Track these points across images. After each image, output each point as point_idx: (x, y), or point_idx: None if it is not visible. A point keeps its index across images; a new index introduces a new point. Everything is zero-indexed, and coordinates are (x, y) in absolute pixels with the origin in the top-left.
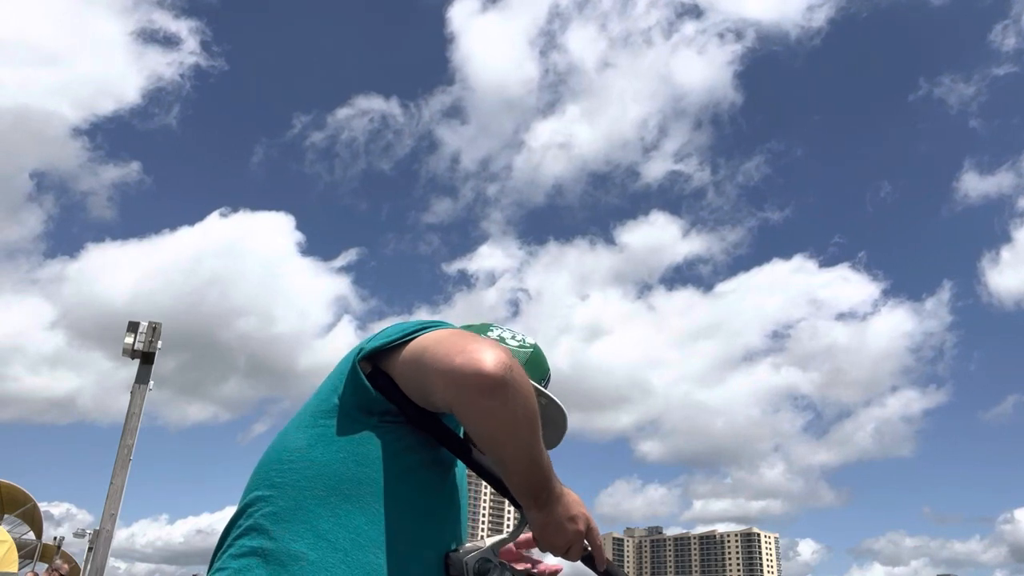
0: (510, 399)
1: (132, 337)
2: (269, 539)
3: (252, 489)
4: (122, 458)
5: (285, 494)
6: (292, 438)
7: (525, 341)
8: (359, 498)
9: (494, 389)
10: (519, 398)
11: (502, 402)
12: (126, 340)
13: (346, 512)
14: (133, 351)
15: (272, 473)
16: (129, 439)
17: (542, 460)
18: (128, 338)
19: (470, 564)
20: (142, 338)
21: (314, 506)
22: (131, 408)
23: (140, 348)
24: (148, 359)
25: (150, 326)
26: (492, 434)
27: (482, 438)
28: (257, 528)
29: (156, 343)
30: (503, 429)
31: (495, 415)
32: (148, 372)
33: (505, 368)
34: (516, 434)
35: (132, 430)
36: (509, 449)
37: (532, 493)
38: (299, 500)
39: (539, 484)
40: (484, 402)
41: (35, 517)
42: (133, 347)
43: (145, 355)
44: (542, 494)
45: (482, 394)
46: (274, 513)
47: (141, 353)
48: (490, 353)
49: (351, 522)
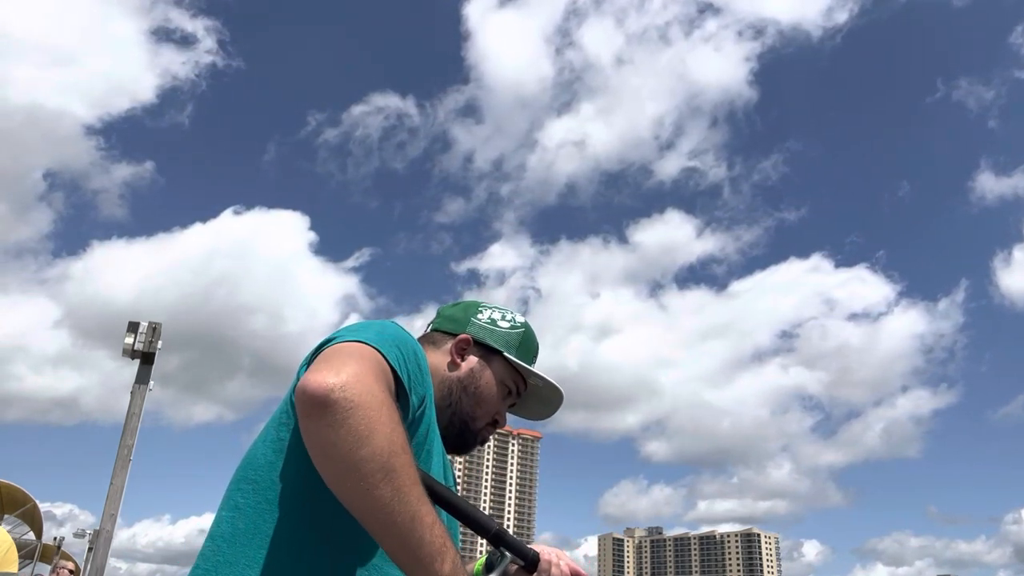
0: (339, 421)
1: (132, 337)
2: (227, 564)
3: (220, 509)
4: (122, 458)
5: (246, 517)
6: (256, 454)
7: (516, 321)
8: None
9: (315, 408)
10: (353, 422)
11: (327, 424)
12: (126, 340)
13: (302, 538)
14: (133, 351)
15: (236, 494)
16: (129, 439)
17: (407, 530)
18: (128, 338)
19: None
20: (142, 338)
21: (271, 530)
22: (131, 408)
23: (140, 348)
24: (148, 359)
25: (150, 326)
26: (321, 469)
27: (320, 472)
28: (217, 553)
29: (156, 343)
30: (330, 460)
31: (317, 439)
32: (148, 372)
33: (331, 388)
34: (353, 474)
35: (132, 430)
36: (347, 494)
37: (401, 565)
38: (257, 524)
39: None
40: (307, 424)
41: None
42: (133, 347)
43: (145, 355)
44: (416, 571)
45: (305, 415)
46: (234, 537)
47: (141, 353)
48: (331, 368)
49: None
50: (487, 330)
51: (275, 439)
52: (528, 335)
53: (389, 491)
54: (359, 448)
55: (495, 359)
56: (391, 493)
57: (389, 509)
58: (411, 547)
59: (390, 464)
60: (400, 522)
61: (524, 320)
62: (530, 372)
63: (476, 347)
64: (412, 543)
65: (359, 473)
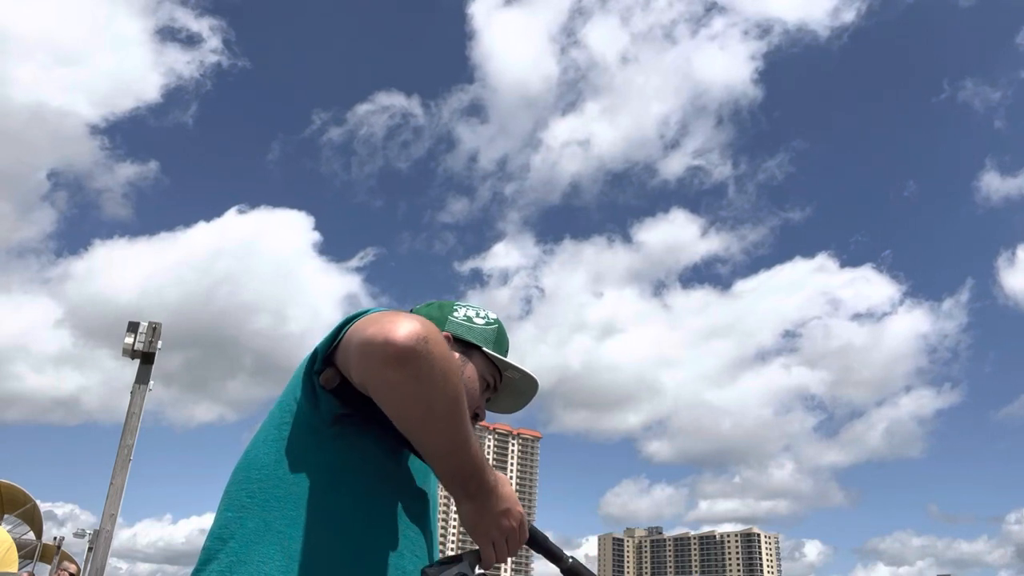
0: (423, 373)
1: (132, 337)
2: (244, 561)
3: (223, 510)
4: (122, 458)
5: (254, 515)
6: (258, 453)
7: (490, 317)
8: (327, 516)
9: (401, 359)
10: (434, 374)
11: (412, 375)
12: (126, 340)
13: (316, 532)
14: (133, 351)
15: (241, 493)
16: (129, 439)
17: (469, 446)
18: (128, 338)
19: None
20: (142, 338)
21: (283, 526)
22: (131, 408)
23: (140, 348)
24: (148, 359)
25: (150, 326)
26: (402, 412)
27: (394, 418)
28: (228, 552)
29: (156, 343)
30: (414, 406)
31: (403, 388)
32: (148, 372)
33: (417, 339)
34: (431, 413)
35: (132, 430)
36: (425, 430)
37: (459, 482)
38: (268, 521)
39: (467, 473)
40: (390, 374)
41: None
42: (133, 347)
43: (145, 355)
44: (471, 484)
45: (388, 364)
46: (244, 535)
47: (141, 353)
48: (405, 324)
49: (321, 542)
50: (465, 327)
51: (277, 438)
52: (502, 330)
53: (461, 425)
54: (443, 394)
55: (474, 354)
56: (463, 426)
57: (460, 440)
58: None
59: (462, 405)
60: (466, 448)
61: (496, 317)
62: (508, 365)
63: (455, 344)
64: (474, 462)
65: (443, 414)
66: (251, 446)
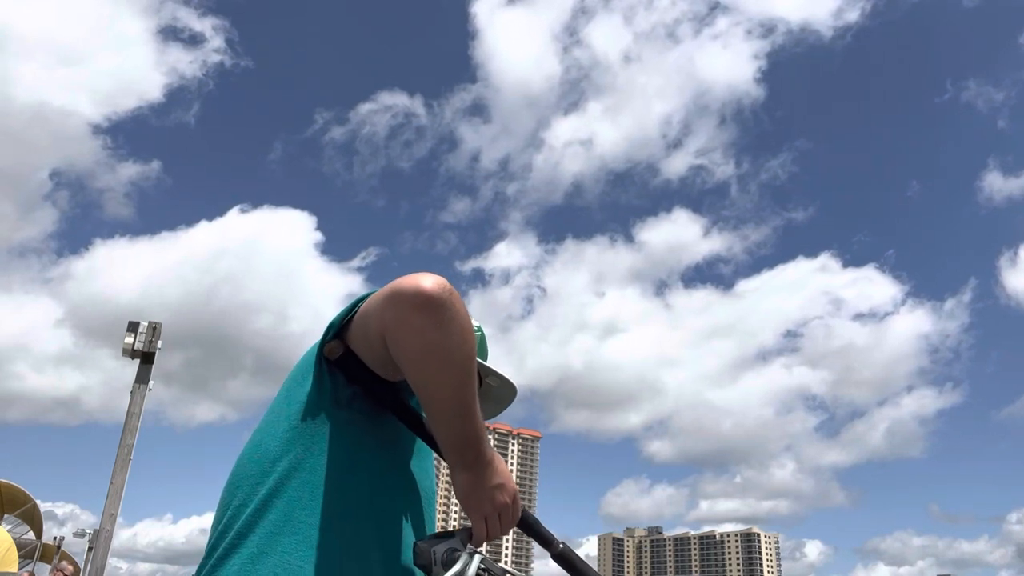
0: (445, 322)
1: (132, 337)
2: (267, 553)
3: (235, 501)
4: (122, 458)
5: (274, 507)
6: (270, 444)
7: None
8: (346, 505)
9: (428, 305)
10: (455, 326)
11: (436, 322)
12: (126, 340)
13: (338, 522)
14: (133, 351)
15: (257, 485)
16: (129, 439)
17: (473, 413)
18: (128, 338)
19: (438, 553)
20: (142, 338)
21: (305, 516)
22: (131, 408)
23: (140, 348)
24: (148, 359)
25: (150, 326)
26: (419, 360)
27: (411, 362)
28: (250, 544)
29: (156, 343)
30: (434, 354)
31: (426, 334)
32: (148, 372)
33: (445, 290)
34: (448, 365)
35: (132, 430)
36: (438, 383)
37: (459, 449)
38: (289, 512)
39: (467, 440)
40: (416, 318)
41: (35, 517)
42: (133, 347)
43: (145, 355)
44: (469, 453)
45: (416, 309)
46: (265, 527)
47: (141, 353)
48: (433, 276)
49: (344, 532)
50: None
51: (288, 427)
52: (483, 337)
53: (471, 386)
54: (460, 347)
55: None
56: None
57: (469, 401)
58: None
59: (473, 367)
60: (473, 413)
61: (478, 324)
62: (489, 370)
63: None
64: (477, 430)
65: (458, 368)
66: (259, 436)
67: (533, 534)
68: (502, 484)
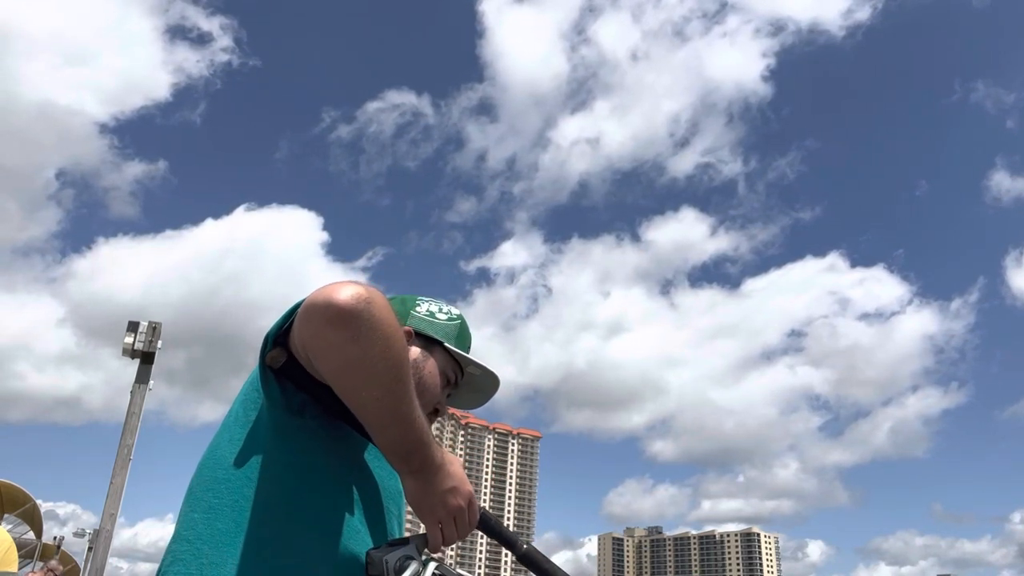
0: (364, 333)
1: (132, 337)
2: (213, 565)
3: (189, 511)
4: (122, 458)
5: (223, 516)
6: (224, 452)
7: (452, 313)
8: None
9: (341, 319)
10: (375, 335)
11: (352, 336)
12: (126, 340)
13: (288, 532)
14: (133, 351)
15: (208, 494)
16: (129, 439)
17: (411, 420)
18: (128, 338)
19: (390, 562)
20: (142, 338)
21: (254, 527)
22: (131, 408)
23: (140, 348)
24: (148, 359)
25: (150, 326)
26: (341, 375)
27: (335, 378)
28: (198, 554)
29: (156, 343)
30: (356, 368)
31: (344, 350)
32: (148, 372)
33: (358, 300)
34: (371, 376)
35: (132, 429)
36: (364, 396)
37: (402, 455)
38: (238, 522)
39: (409, 446)
40: (331, 334)
41: (35, 517)
42: (133, 347)
43: (145, 355)
44: (414, 459)
45: (329, 324)
46: (214, 537)
47: (141, 353)
48: (348, 287)
49: (294, 543)
50: (427, 322)
51: (241, 436)
52: (464, 326)
53: (403, 392)
54: (384, 355)
55: (436, 349)
56: (405, 394)
57: (404, 408)
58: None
59: (404, 372)
60: (410, 419)
61: (459, 312)
62: (470, 360)
63: (417, 338)
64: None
65: (384, 377)
66: (215, 444)
67: (495, 536)
68: (455, 487)
